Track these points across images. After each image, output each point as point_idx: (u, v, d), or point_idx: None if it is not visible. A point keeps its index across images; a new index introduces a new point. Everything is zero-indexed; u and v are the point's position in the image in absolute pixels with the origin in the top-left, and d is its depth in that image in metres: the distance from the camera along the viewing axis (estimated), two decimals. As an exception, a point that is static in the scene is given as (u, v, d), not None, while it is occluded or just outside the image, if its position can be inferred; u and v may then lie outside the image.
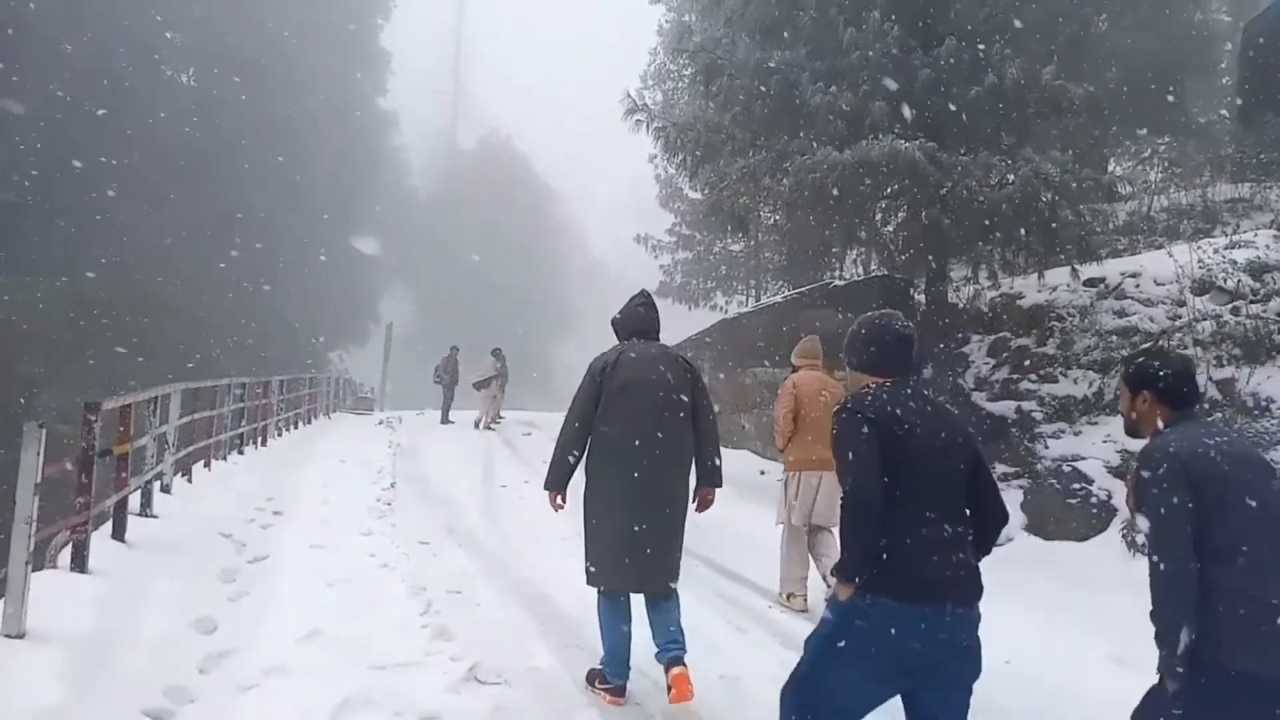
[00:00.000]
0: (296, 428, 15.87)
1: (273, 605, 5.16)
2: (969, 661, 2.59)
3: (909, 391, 2.71)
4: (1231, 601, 2.36)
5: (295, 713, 3.69)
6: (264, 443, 12.89)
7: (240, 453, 11.42)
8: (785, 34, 11.02)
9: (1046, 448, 8.67)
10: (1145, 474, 2.48)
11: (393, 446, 13.10)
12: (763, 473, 11.12)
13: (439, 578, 5.98)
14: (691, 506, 4.24)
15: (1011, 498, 8.53)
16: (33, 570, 4.01)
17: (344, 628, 4.78)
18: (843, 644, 2.55)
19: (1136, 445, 7.71)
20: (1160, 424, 2.64)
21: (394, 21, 38.20)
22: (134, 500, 6.51)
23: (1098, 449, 8.25)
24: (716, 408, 4.69)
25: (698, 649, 4.26)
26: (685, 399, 4.11)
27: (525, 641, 4.85)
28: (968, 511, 2.66)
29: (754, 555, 6.80)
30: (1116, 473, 7.92)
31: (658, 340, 4.33)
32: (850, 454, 2.57)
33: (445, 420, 17.89)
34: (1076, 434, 8.60)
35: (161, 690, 3.79)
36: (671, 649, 3.97)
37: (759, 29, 11.23)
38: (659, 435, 4.01)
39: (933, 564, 2.50)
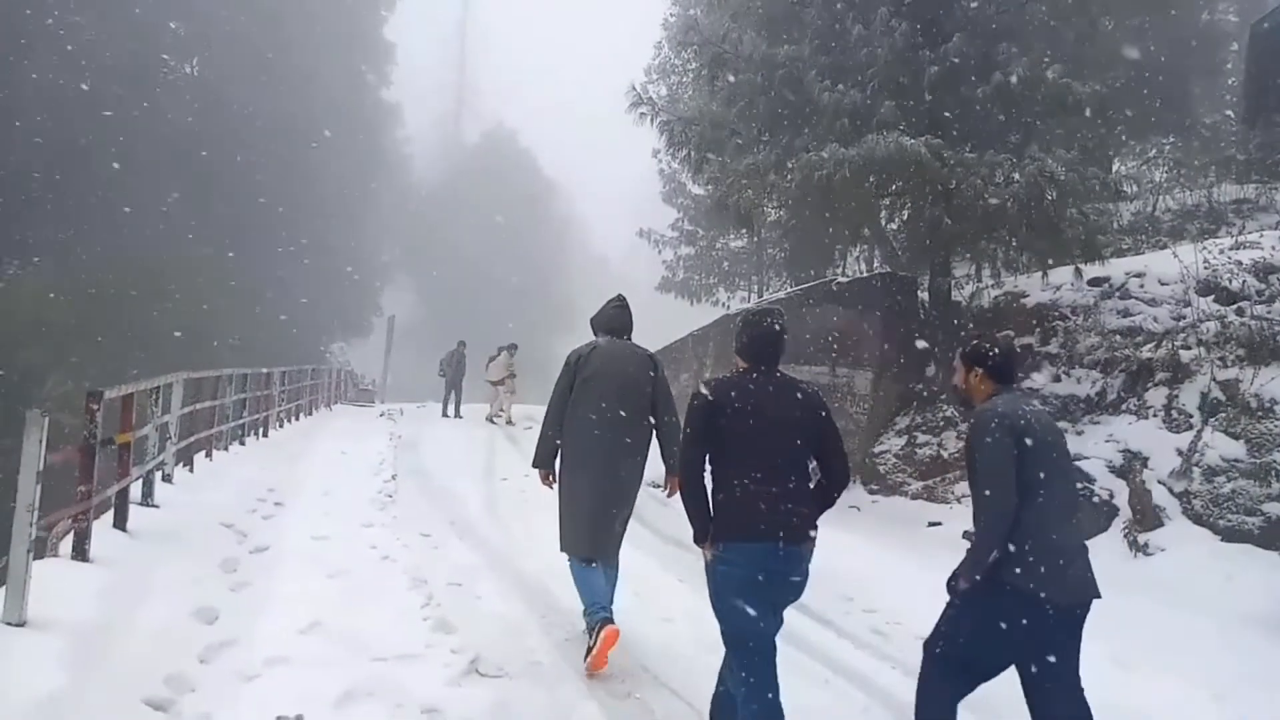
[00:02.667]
0: (298, 419, 15.87)
1: (274, 596, 5.16)
2: (796, 591, 3.22)
3: (755, 376, 3.26)
4: (1028, 534, 2.98)
5: (296, 703, 3.68)
6: (265, 434, 12.89)
7: (242, 443, 11.42)
8: (792, 29, 10.99)
9: (1049, 447, 8.66)
10: (980, 429, 3.10)
11: (394, 439, 13.08)
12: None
13: (440, 570, 5.97)
14: (663, 493, 4.62)
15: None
16: (34, 558, 4.00)
17: (345, 619, 4.78)
18: (722, 592, 3.15)
19: (1139, 445, 7.69)
20: (987, 395, 3.27)
21: (398, 13, 38.09)
22: (135, 489, 6.51)
23: (1100, 448, 8.23)
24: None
25: (700, 646, 4.25)
26: (646, 390, 4.63)
27: (526, 634, 4.85)
28: (804, 472, 3.23)
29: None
30: (1119, 472, 7.92)
31: (628, 338, 4.82)
32: (684, 430, 3.31)
33: (446, 413, 17.84)
34: (1079, 433, 8.58)
35: (162, 679, 3.79)
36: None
37: (766, 23, 11.21)
38: (620, 419, 4.53)
39: (761, 511, 3.08)
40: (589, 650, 4.29)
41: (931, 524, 8.76)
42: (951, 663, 3.17)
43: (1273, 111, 13.41)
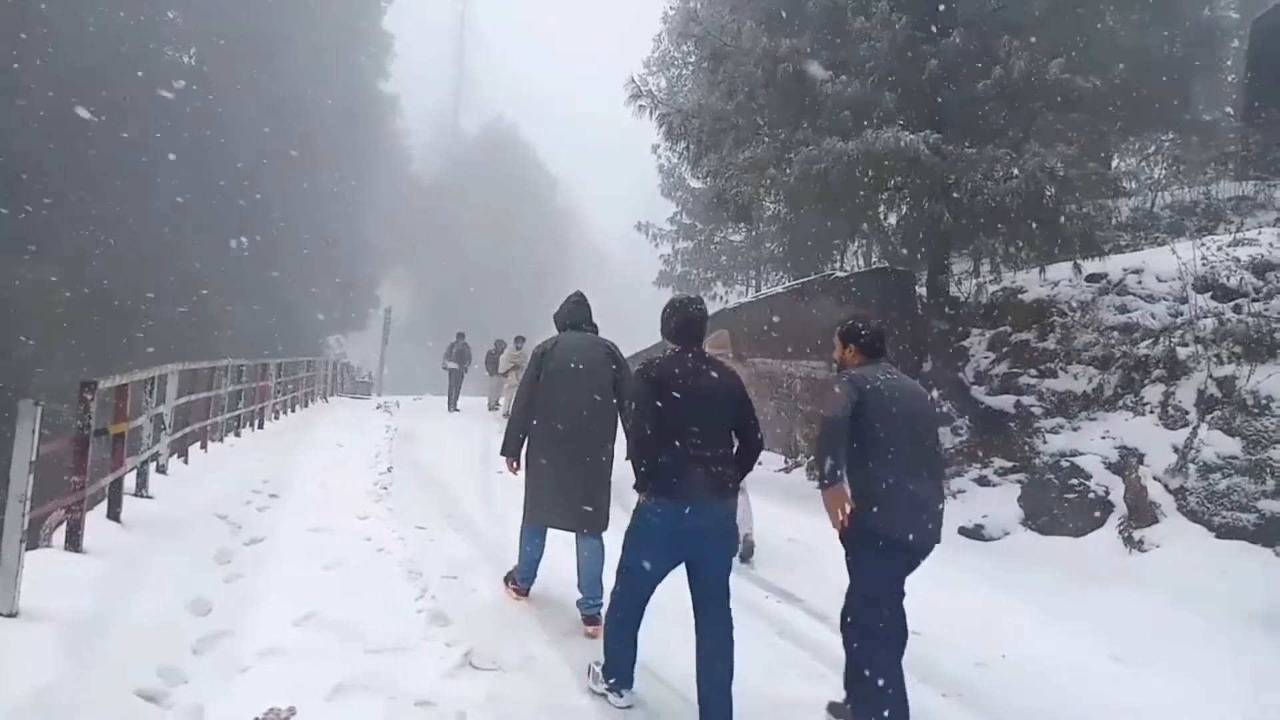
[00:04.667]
0: (294, 411, 15.85)
1: (268, 588, 5.14)
2: (724, 541, 3.76)
3: (690, 356, 3.79)
4: (882, 485, 3.55)
5: (289, 695, 3.66)
6: (261, 425, 12.87)
7: (237, 435, 11.40)
8: (792, 21, 10.95)
9: (1045, 443, 8.67)
10: (833, 383, 3.82)
11: (390, 431, 13.07)
12: (760, 463, 11.11)
13: (435, 562, 5.96)
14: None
15: (1009, 492, 8.53)
16: (27, 549, 3.98)
17: (340, 611, 4.76)
18: (640, 534, 3.73)
19: (1135, 441, 7.71)
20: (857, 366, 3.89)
21: (397, 4, 37.91)
22: (130, 480, 6.50)
23: (1096, 445, 8.24)
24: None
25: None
26: (608, 374, 5.00)
27: (521, 627, 4.84)
28: (729, 439, 3.74)
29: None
30: (1114, 469, 7.92)
31: (589, 330, 5.25)
32: (632, 402, 3.94)
33: (453, 408, 17.77)
34: (1075, 429, 8.59)
35: (155, 670, 3.78)
36: (590, 604, 4.81)
37: (766, 15, 11.16)
38: (585, 402, 4.90)
39: (695, 473, 3.58)
40: (507, 580, 5.36)
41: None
42: (869, 627, 3.63)
43: (1272, 108, 13.37)
